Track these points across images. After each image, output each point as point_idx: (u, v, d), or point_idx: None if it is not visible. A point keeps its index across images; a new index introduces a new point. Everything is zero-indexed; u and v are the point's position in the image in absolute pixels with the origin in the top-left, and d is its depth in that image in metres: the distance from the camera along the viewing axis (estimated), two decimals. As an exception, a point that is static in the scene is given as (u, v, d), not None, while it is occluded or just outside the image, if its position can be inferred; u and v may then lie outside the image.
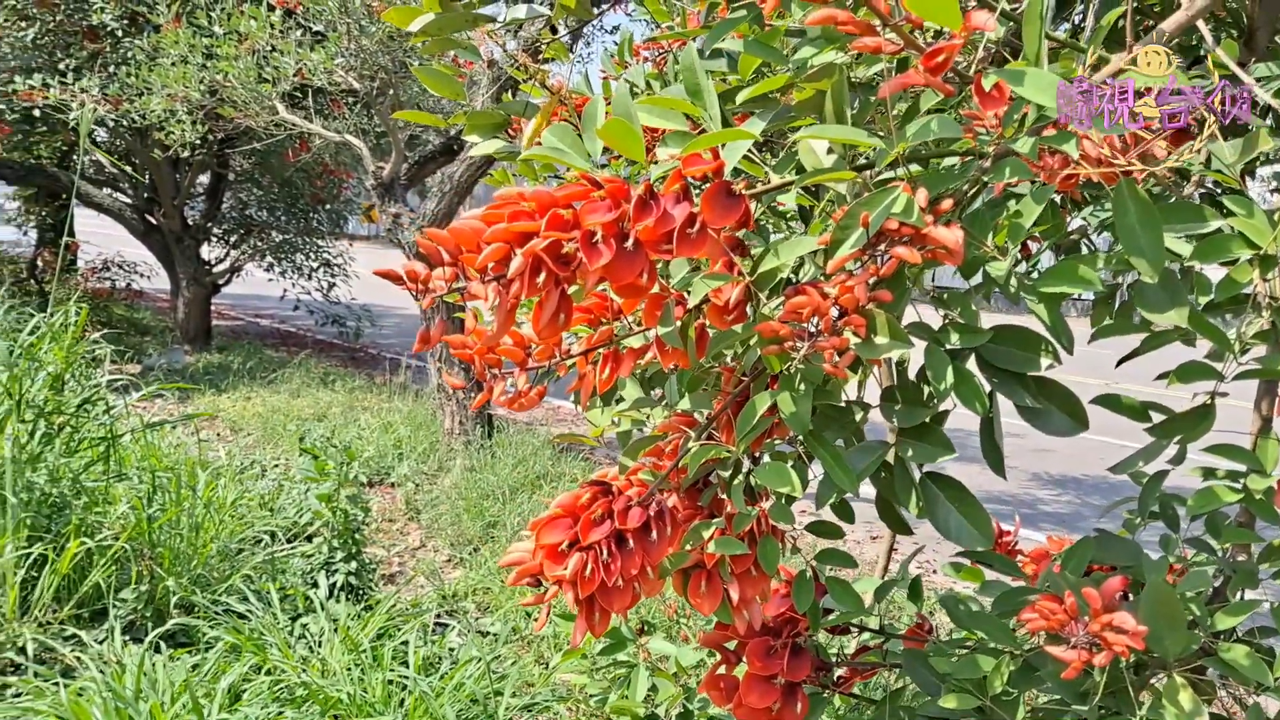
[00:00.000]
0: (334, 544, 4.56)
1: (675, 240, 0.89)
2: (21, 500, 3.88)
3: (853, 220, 0.89)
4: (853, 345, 0.92)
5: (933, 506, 0.99)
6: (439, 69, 1.51)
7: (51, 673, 3.34)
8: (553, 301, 0.85)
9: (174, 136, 8.66)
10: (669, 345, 0.99)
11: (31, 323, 4.38)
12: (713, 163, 0.93)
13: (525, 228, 0.84)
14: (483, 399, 1.01)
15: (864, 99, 1.05)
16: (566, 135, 1.02)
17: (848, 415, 1.05)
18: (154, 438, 5.77)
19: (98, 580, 3.86)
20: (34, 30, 9.96)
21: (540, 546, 0.97)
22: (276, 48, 7.90)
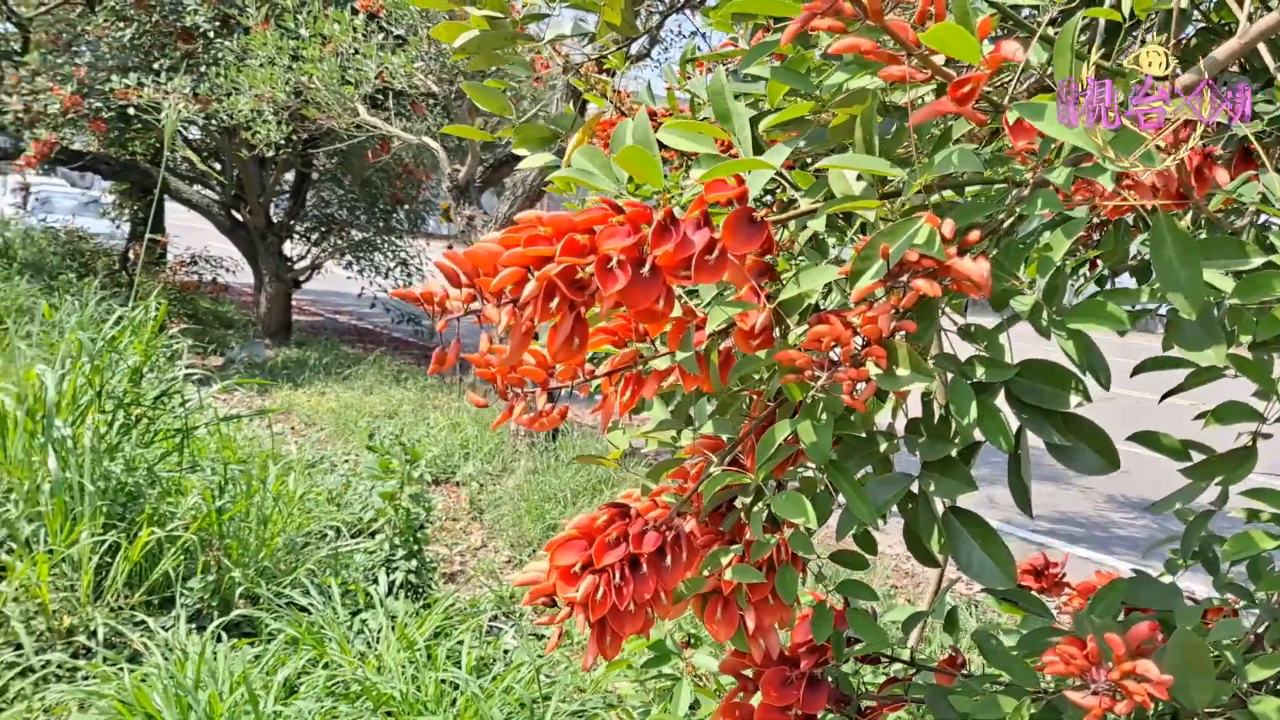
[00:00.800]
0: (395, 542, 4.63)
1: (694, 266, 0.89)
2: (99, 489, 4.02)
3: (873, 251, 0.87)
4: (873, 376, 0.91)
5: (955, 542, 0.97)
6: (488, 85, 1.53)
7: (119, 657, 3.45)
8: (566, 326, 0.86)
9: (260, 136, 8.91)
10: (687, 370, 0.98)
11: (114, 316, 4.52)
12: (736, 189, 0.92)
13: (541, 252, 0.84)
14: (503, 418, 1.02)
15: (900, 123, 1.04)
16: (596, 158, 1.02)
17: (872, 445, 1.03)
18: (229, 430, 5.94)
19: (167, 569, 3.97)
20: (131, 31, 10.32)
21: (554, 567, 0.98)
22: (359, 51, 8.07)
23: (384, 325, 14.61)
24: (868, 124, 0.95)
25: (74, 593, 3.81)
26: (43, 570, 3.58)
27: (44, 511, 3.87)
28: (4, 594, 3.51)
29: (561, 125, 1.57)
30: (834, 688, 1.12)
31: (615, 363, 1.05)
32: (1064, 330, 0.91)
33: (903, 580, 5.69)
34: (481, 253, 0.85)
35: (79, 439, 4.12)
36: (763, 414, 1.08)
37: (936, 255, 0.84)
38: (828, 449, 0.96)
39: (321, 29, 8.00)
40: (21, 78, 10.19)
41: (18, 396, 4.16)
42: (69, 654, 3.56)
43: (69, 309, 8.33)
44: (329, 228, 13.08)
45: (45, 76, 10.11)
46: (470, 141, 8.16)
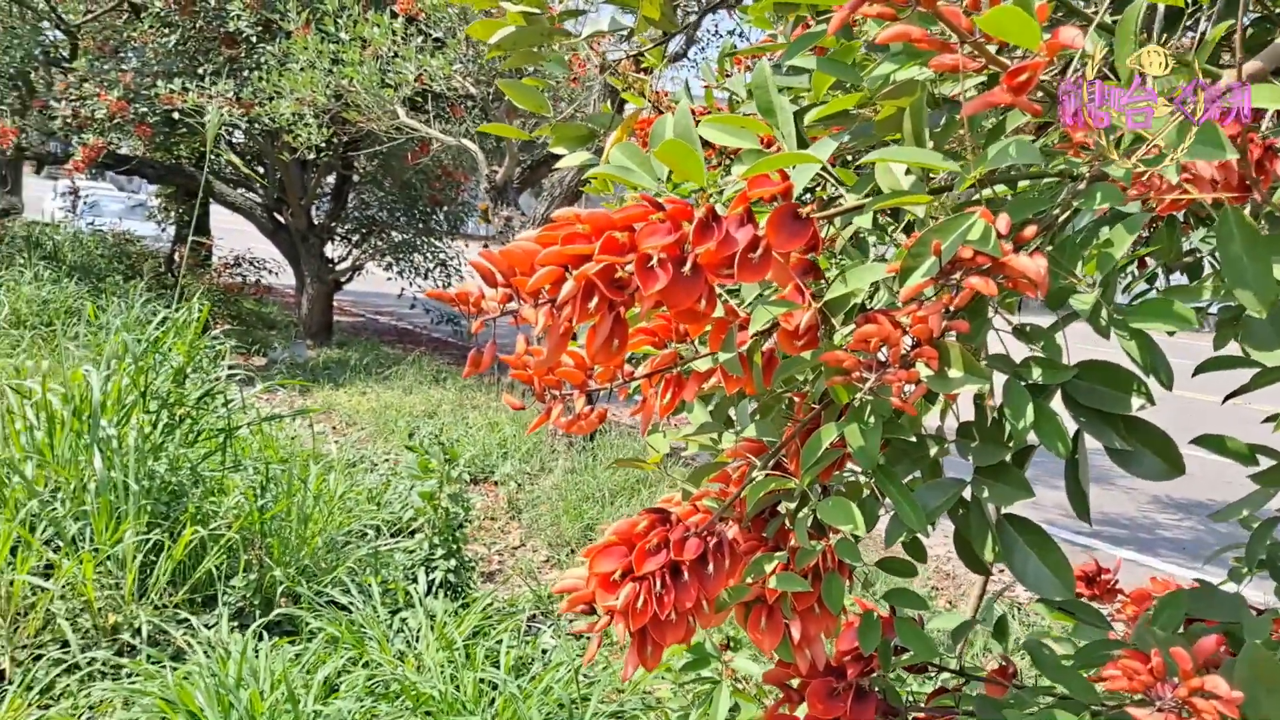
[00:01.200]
0: (435, 541, 4.64)
1: (737, 265, 0.86)
2: (143, 488, 4.06)
3: (924, 248, 0.84)
4: (924, 378, 0.88)
5: (1010, 551, 0.93)
6: (526, 83, 1.51)
7: (162, 655, 3.48)
8: (605, 327, 0.83)
9: (301, 139, 9.00)
10: (730, 372, 0.95)
11: (158, 317, 4.57)
12: (780, 184, 0.89)
13: (579, 250, 0.82)
14: (540, 421, 1.00)
15: (950, 115, 1.00)
16: (635, 154, 0.99)
17: (922, 449, 1.00)
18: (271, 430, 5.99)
19: (210, 567, 4.00)
20: (175, 37, 10.46)
21: (594, 574, 0.95)
22: (398, 54, 8.12)
23: (424, 326, 14.70)
24: (917, 116, 0.91)
25: (119, 591, 3.85)
26: (88, 569, 3.62)
27: (89, 510, 3.92)
28: (50, 592, 3.54)
29: (599, 123, 1.55)
30: (881, 699, 1.09)
31: (655, 364, 1.02)
32: (1126, 330, 0.87)
33: (944, 582, 5.61)
34: (518, 252, 0.82)
35: (124, 439, 4.16)
36: (807, 416, 1.05)
37: (992, 252, 0.81)
38: (876, 453, 0.93)
39: (361, 32, 8.05)
40: (69, 84, 10.36)
41: (64, 397, 4.21)
42: (113, 651, 3.59)
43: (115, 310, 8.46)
44: (369, 229, 13.17)
45: (93, 82, 10.27)
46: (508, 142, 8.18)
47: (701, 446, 1.16)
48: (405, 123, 8.65)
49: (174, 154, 11.82)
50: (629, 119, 1.39)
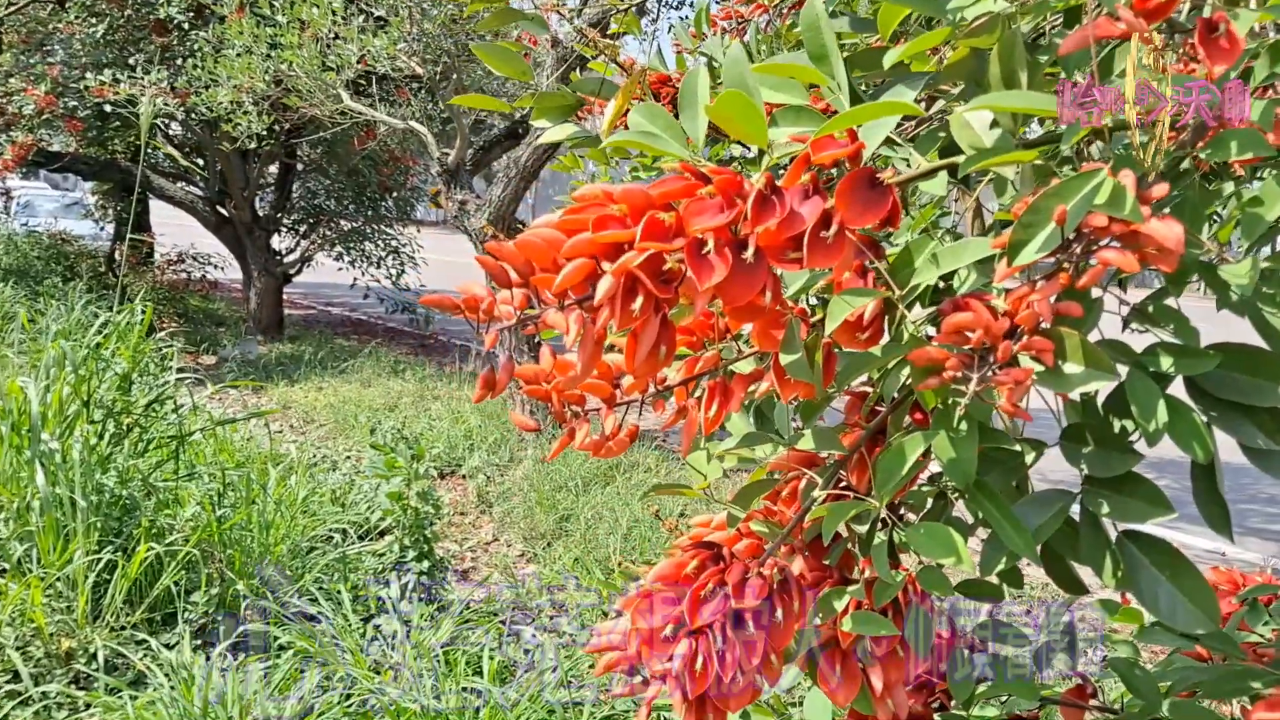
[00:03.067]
0: (405, 542, 4.45)
1: (806, 246, 0.69)
2: (91, 503, 3.82)
3: (1041, 215, 0.68)
4: (1035, 376, 0.72)
5: (1135, 576, 0.78)
6: (503, 45, 1.32)
7: (120, 682, 3.26)
8: (651, 331, 0.66)
9: (240, 128, 8.67)
10: (793, 376, 0.79)
11: (98, 322, 4.31)
12: (849, 145, 0.72)
13: (615, 237, 0.64)
14: (562, 445, 0.83)
15: (1033, 60, 0.84)
16: (658, 116, 0.82)
17: (1017, 458, 0.84)
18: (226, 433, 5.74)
19: (168, 584, 3.78)
20: (104, 26, 10.04)
21: (636, 630, 0.78)
22: (339, 35, 7.81)
23: (378, 316, 14.37)
24: (1008, 56, 0.75)
25: (71, 614, 3.62)
26: (35, 594, 3.39)
27: (34, 530, 3.68)
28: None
29: (587, 90, 1.37)
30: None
31: (695, 368, 0.85)
32: (1277, 306, 0.71)
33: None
34: (536, 243, 0.65)
35: (67, 452, 3.91)
36: (874, 423, 0.88)
37: (1130, 216, 0.65)
38: (972, 468, 0.77)
39: (299, 14, 7.73)
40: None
41: (1, 410, 3.95)
42: (69, 680, 3.37)
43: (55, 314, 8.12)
44: (317, 219, 12.81)
45: (18, 77, 9.83)
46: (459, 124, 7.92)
47: (741, 460, 0.99)
48: (349, 106, 8.35)
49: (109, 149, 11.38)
50: (629, 82, 1.21)
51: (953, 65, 0.83)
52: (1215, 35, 0.70)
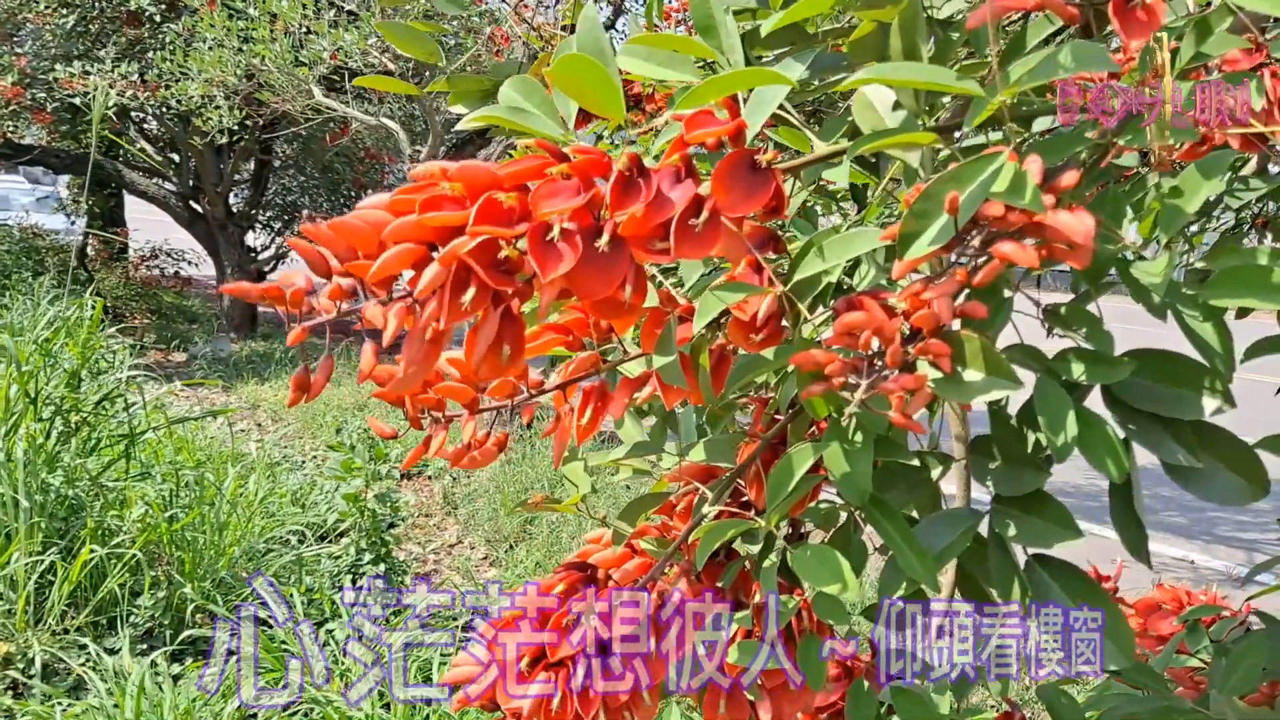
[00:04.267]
0: (362, 545, 4.36)
1: (674, 235, 0.61)
2: (35, 503, 3.71)
3: (934, 203, 0.60)
4: (931, 383, 0.64)
5: (1043, 599, 0.71)
6: (411, 25, 1.24)
7: (58, 691, 3.16)
8: (490, 327, 0.58)
9: (211, 122, 8.55)
10: (666, 381, 0.71)
11: (45, 316, 4.20)
12: (729, 123, 0.65)
13: (445, 220, 0.57)
14: (415, 455, 0.75)
15: (943, 36, 0.76)
16: (533, 91, 0.74)
17: (921, 472, 0.77)
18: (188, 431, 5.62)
19: (113, 587, 3.68)
20: (74, 17, 9.88)
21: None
22: (311, 30, 7.71)
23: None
24: (909, 28, 0.68)
25: (11, 618, 3.51)
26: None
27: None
28: (-74, 626, 3.20)
29: (506, 74, 1.29)
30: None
31: (569, 372, 0.78)
32: (1197, 309, 0.64)
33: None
34: (358, 225, 0.57)
35: (11, 450, 3.80)
36: (771, 432, 0.81)
37: (1030, 206, 0.57)
38: (867, 483, 0.69)
39: (270, 7, 7.62)
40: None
41: (-57, 407, 3.84)
42: (5, 686, 3.26)
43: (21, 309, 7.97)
44: (292, 216, 12.67)
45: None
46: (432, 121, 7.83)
47: (637, 471, 0.92)
48: (322, 102, 8.25)
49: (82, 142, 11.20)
50: (538, 63, 1.13)
51: (857, 42, 0.76)
52: (1132, 6, 0.63)
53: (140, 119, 11.53)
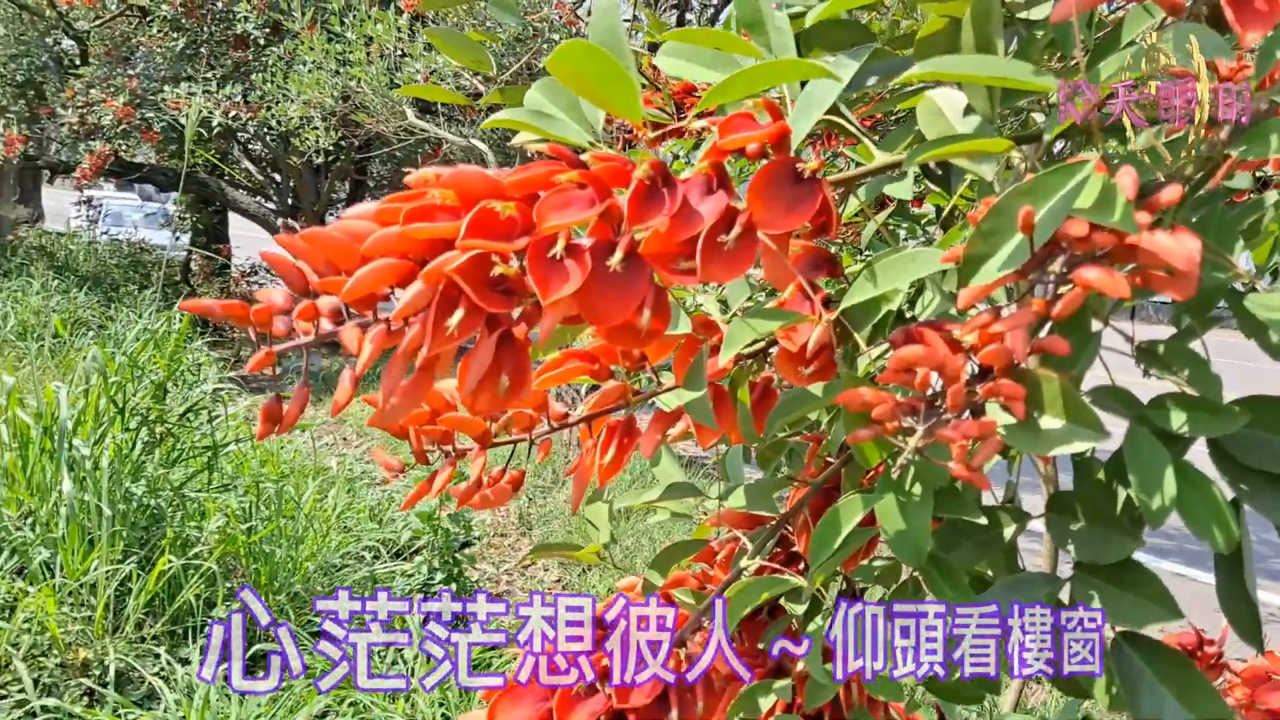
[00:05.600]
0: (434, 563, 4.34)
1: (701, 253, 0.53)
2: (118, 512, 3.78)
3: (1005, 220, 0.51)
4: (1001, 430, 0.55)
5: (1134, 689, 0.60)
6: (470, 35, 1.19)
7: (128, 701, 3.18)
8: (483, 355, 0.51)
9: (309, 143, 8.75)
10: (693, 418, 0.63)
11: (135, 329, 4.29)
12: (770, 128, 0.57)
13: (433, 232, 0.50)
14: (415, 496, 0.68)
15: (1027, 35, 0.67)
16: (560, 94, 0.67)
17: (992, 530, 0.67)
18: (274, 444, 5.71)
19: (189, 597, 3.71)
20: (184, 41, 10.24)
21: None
22: (406, 53, 7.84)
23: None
24: (982, 22, 0.59)
25: (90, 624, 3.57)
26: (50, 603, 3.34)
27: (58, 537, 3.63)
28: (6, 630, 3.26)
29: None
30: None
31: (594, 404, 0.70)
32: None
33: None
34: (337, 236, 0.50)
35: (97, 458, 3.88)
36: (822, 476, 0.72)
37: (1121, 225, 0.48)
38: (925, 541, 0.60)
39: (366, 30, 7.77)
40: (76, 91, 10.16)
41: (36, 414, 3.94)
42: (80, 692, 3.31)
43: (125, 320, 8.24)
44: (385, 235, 12.89)
45: (99, 89, 10.07)
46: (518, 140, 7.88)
47: (675, 514, 0.83)
48: (414, 124, 8.38)
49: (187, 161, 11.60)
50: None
51: (925, 40, 0.67)
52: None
53: (245, 139, 11.89)
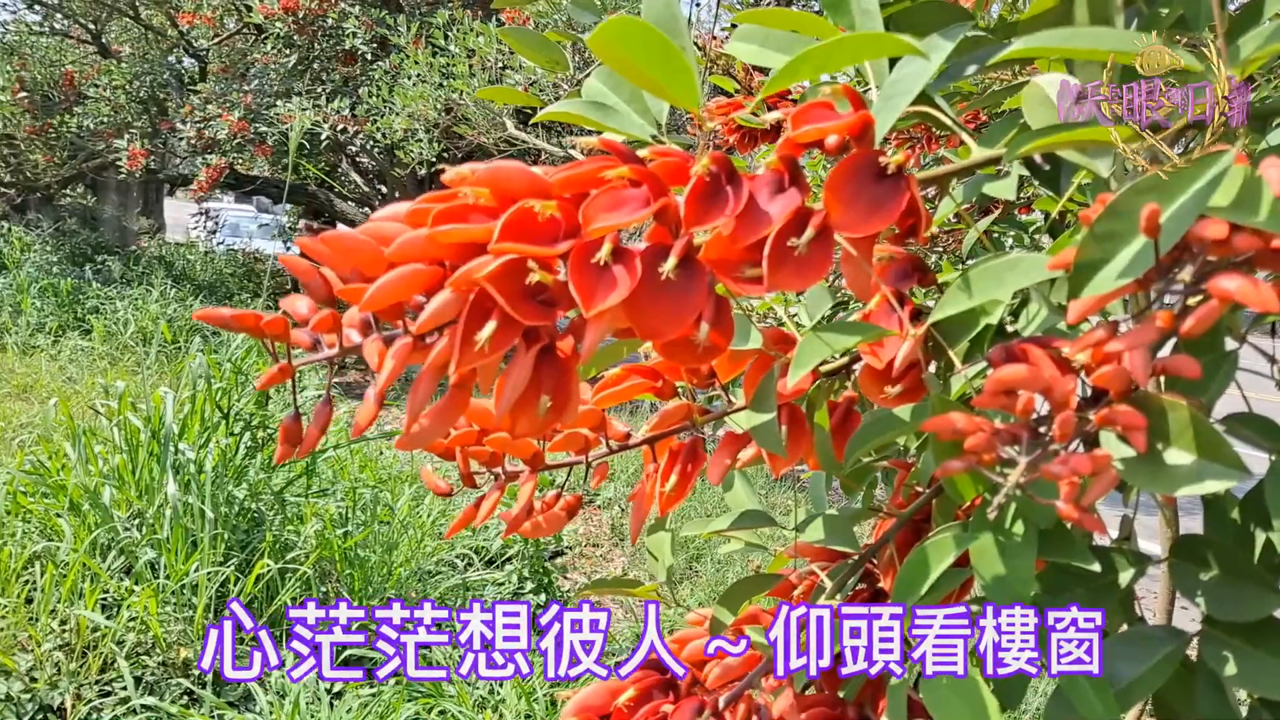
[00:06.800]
0: (524, 573, 4.33)
1: (767, 258, 0.47)
2: (221, 515, 3.86)
3: (1125, 221, 0.44)
4: (1118, 465, 0.47)
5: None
6: (549, 35, 1.15)
7: (221, 702, 3.24)
8: (520, 373, 0.45)
9: (413, 154, 8.92)
10: (759, 444, 0.57)
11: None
12: (850, 117, 0.50)
13: (464, 235, 0.45)
14: (459, 524, 0.63)
15: (1150, 14, 0.59)
16: (623, 84, 0.62)
17: (1106, 578, 0.59)
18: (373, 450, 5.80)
19: (285, 600, 3.77)
20: (296, 56, 10.56)
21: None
22: (507, 65, 7.92)
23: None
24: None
25: (191, 625, 3.65)
26: (153, 603, 3.42)
27: (161, 539, 3.73)
28: (111, 629, 3.35)
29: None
30: None
31: (656, 424, 0.64)
32: None
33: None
34: (361, 239, 0.46)
35: (201, 462, 3.98)
36: (911, 507, 0.65)
37: (1269, 226, 0.40)
38: (1027, 589, 0.53)
39: (469, 44, 7.88)
40: (194, 106, 10.56)
41: (145, 418, 4.06)
42: (180, 691, 3.38)
43: (235, 328, 8.49)
44: (487, 245, 13.07)
45: (215, 104, 10.44)
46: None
47: (749, 545, 0.77)
48: (515, 135, 8.45)
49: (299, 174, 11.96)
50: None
51: (1031, 20, 0.60)
52: None
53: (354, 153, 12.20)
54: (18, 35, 11.71)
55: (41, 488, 4.00)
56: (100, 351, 8.68)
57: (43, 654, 3.28)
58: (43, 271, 11.26)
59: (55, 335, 9.28)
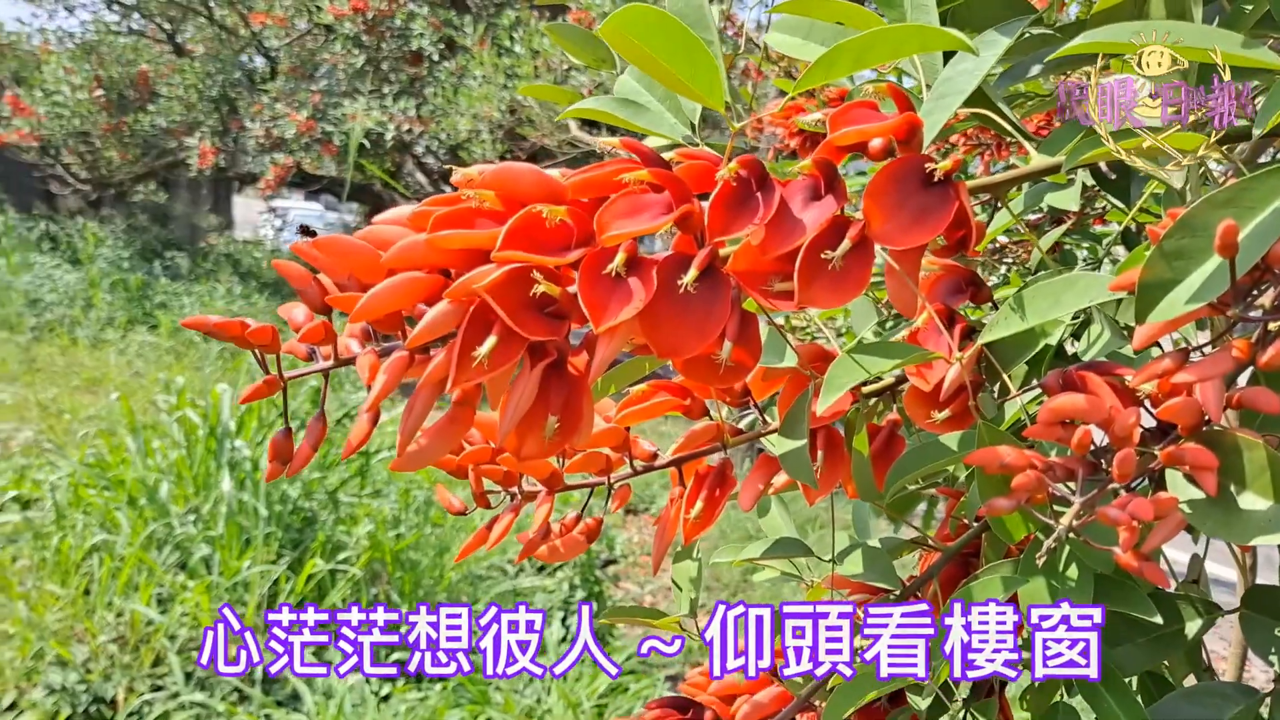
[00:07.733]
0: (575, 581, 4.31)
1: (799, 271, 0.43)
2: (274, 513, 3.89)
3: (1198, 237, 0.39)
4: (1185, 508, 0.43)
5: None
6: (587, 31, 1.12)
7: (269, 701, 3.25)
8: (526, 391, 0.42)
9: (475, 155, 8.98)
10: (790, 473, 0.53)
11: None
12: (895, 119, 0.46)
13: (466, 241, 0.41)
14: (469, 548, 0.60)
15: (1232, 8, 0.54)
16: (656, 83, 0.58)
17: (1170, 628, 0.54)
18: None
19: (335, 601, 3.79)
20: (363, 57, 10.70)
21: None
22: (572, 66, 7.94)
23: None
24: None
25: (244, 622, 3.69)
26: (204, 600, 3.46)
27: (216, 535, 3.77)
28: (162, 625, 3.39)
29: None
30: None
31: (683, 445, 0.60)
32: None
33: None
34: (359, 246, 0.42)
35: (257, 459, 4.02)
36: (958, 541, 0.60)
37: (1367, 245, 0.35)
38: (1080, 639, 0.48)
39: (533, 45, 7.91)
40: (263, 105, 10.74)
41: (203, 414, 4.12)
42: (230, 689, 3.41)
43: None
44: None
45: (284, 103, 10.61)
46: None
47: (784, 574, 0.73)
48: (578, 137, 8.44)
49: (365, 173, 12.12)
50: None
51: (1103, 14, 0.55)
52: None
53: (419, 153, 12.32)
54: (96, 34, 12.02)
55: (102, 480, 4.07)
56: (166, 346, 8.85)
57: (98, 646, 3.32)
58: (114, 266, 11.52)
59: (124, 329, 9.49)
